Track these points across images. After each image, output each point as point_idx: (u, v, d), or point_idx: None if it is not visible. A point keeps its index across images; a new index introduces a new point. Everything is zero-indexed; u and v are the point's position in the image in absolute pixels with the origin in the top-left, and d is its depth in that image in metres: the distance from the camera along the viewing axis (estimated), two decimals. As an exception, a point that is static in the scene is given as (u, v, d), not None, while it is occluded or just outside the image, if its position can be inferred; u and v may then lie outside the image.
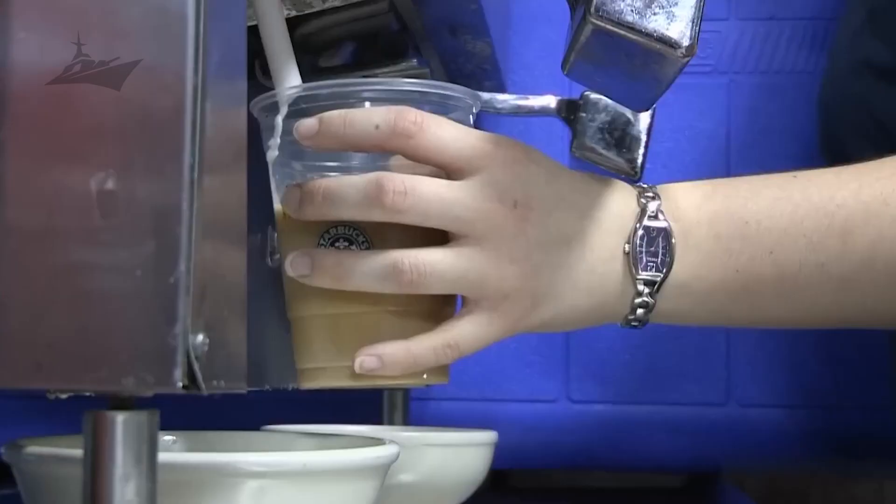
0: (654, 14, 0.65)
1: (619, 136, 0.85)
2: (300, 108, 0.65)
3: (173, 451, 0.66)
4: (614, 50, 0.66)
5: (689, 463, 1.06)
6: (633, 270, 0.66)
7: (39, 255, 0.43)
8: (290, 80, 0.65)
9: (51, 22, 0.44)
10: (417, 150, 0.63)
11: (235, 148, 0.48)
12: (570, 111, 0.86)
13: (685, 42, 0.65)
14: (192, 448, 0.67)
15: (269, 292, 0.85)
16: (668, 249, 0.66)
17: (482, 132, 0.66)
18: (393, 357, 0.63)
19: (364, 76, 0.80)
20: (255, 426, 0.74)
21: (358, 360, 0.63)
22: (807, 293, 0.67)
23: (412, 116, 0.63)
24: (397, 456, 0.60)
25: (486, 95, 0.85)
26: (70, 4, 0.44)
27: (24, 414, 0.98)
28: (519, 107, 0.86)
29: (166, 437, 0.66)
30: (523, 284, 0.65)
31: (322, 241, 0.64)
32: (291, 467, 0.53)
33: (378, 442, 0.61)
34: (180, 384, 0.42)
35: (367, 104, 0.65)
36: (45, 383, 0.43)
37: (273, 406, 0.90)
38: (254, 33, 0.64)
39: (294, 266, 0.65)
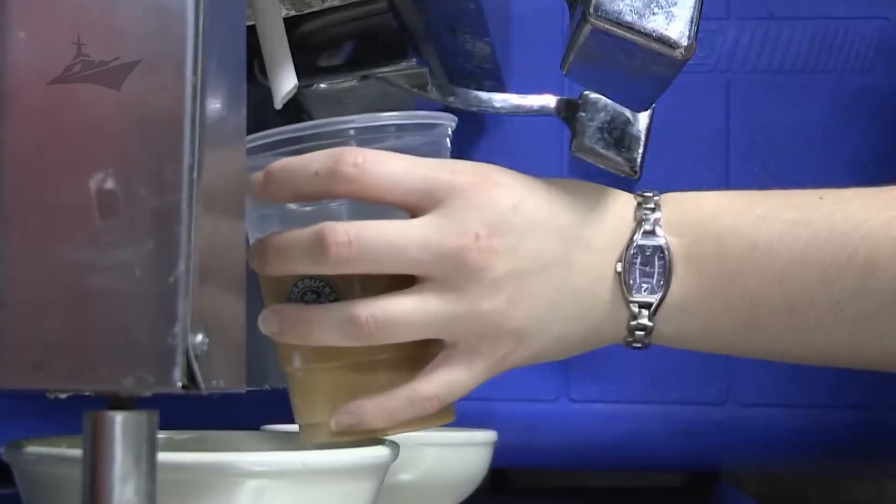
0: (653, 14, 0.65)
1: (619, 136, 0.85)
2: (286, 150, 0.61)
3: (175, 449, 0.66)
4: (613, 50, 0.66)
5: (688, 463, 1.06)
6: (626, 292, 0.61)
7: (39, 255, 0.43)
8: (286, 81, 0.65)
9: (51, 22, 0.44)
10: (364, 193, 0.59)
11: (235, 147, 0.48)
12: (569, 111, 0.86)
13: (684, 42, 0.65)
14: (191, 448, 0.67)
15: (269, 292, 0.85)
16: (665, 269, 0.61)
17: (439, 161, 0.61)
18: (369, 413, 0.60)
19: (363, 76, 0.80)
20: (255, 426, 0.74)
21: (334, 419, 0.61)
22: (819, 331, 0.62)
23: (351, 158, 0.58)
24: (397, 455, 0.60)
25: (485, 95, 0.85)
26: (70, 4, 0.44)
27: (23, 414, 0.98)
28: (518, 106, 0.86)
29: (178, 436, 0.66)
30: (500, 321, 0.59)
31: (292, 295, 0.61)
32: (291, 467, 0.53)
33: (378, 441, 0.61)
34: (180, 384, 0.42)
35: (353, 143, 0.61)
36: (45, 383, 0.43)
37: (273, 406, 0.90)
38: (253, 33, 0.64)
39: (264, 324, 0.61)
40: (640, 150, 0.86)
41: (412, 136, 0.63)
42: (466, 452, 0.79)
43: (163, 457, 0.45)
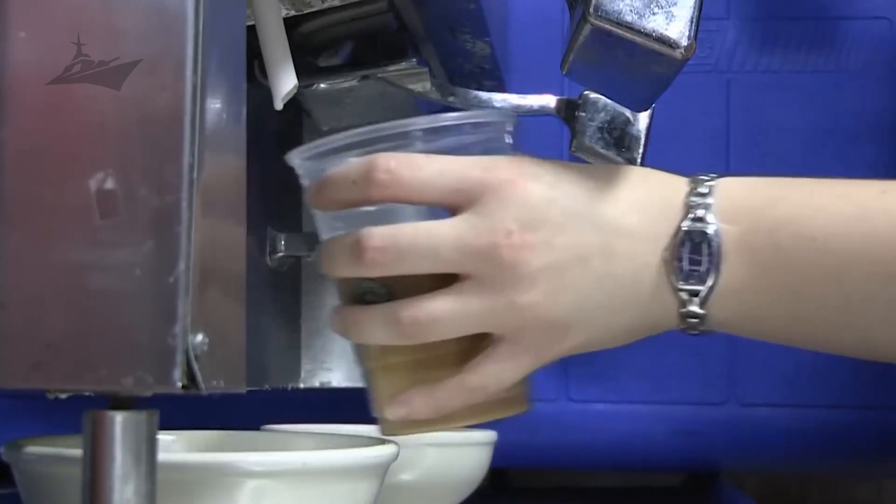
0: (653, 14, 0.65)
1: (619, 136, 0.85)
2: (349, 154, 0.62)
3: (173, 450, 0.66)
4: (613, 49, 0.66)
5: (688, 463, 1.06)
6: (674, 279, 0.60)
7: (39, 255, 0.43)
8: (286, 81, 0.65)
9: (51, 22, 0.44)
10: (399, 196, 0.60)
11: (235, 147, 0.48)
12: (569, 111, 0.86)
13: (684, 42, 0.65)
14: (191, 448, 0.67)
15: (269, 292, 0.85)
16: (715, 257, 0.60)
17: (473, 159, 0.62)
18: (418, 403, 0.62)
19: (363, 76, 0.80)
20: (254, 426, 0.74)
21: (389, 411, 0.62)
22: (876, 328, 0.60)
23: (384, 164, 0.60)
24: (397, 455, 0.60)
25: (485, 95, 0.85)
26: (70, 4, 0.44)
27: (23, 414, 0.98)
28: (518, 106, 0.86)
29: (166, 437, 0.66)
30: (539, 314, 0.60)
31: (356, 296, 0.63)
32: (291, 467, 0.53)
33: (378, 441, 0.61)
34: (179, 384, 0.42)
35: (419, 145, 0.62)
36: (45, 383, 0.43)
37: (273, 406, 0.90)
38: (253, 33, 0.64)
39: (330, 323, 0.64)
40: (640, 150, 0.85)
41: (470, 135, 0.64)
42: (466, 452, 0.79)
43: (163, 457, 0.45)
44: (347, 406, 0.95)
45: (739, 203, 0.61)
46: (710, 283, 0.60)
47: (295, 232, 0.89)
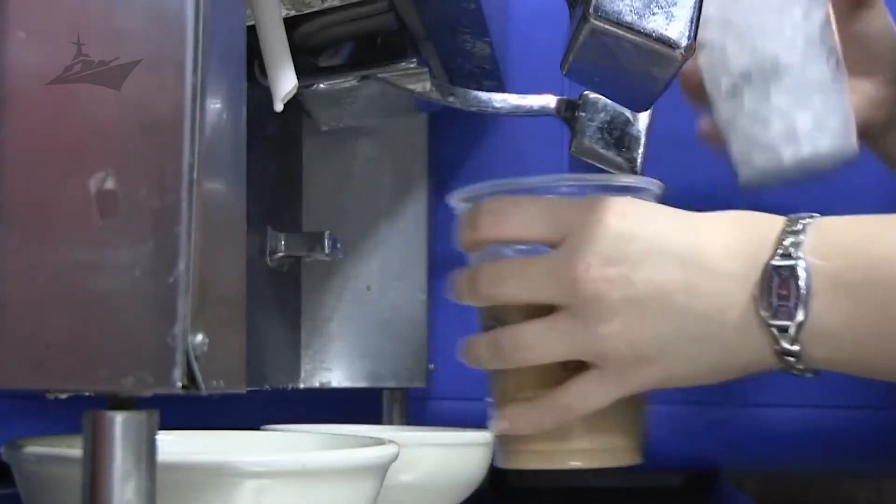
0: (653, 14, 0.65)
1: (619, 136, 0.85)
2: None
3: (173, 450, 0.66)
4: (613, 50, 0.66)
5: (688, 463, 1.06)
6: (763, 315, 0.61)
7: (39, 255, 0.43)
8: (286, 81, 0.65)
9: (51, 22, 0.44)
10: (505, 236, 0.68)
11: (235, 148, 0.48)
12: (569, 111, 0.86)
13: (684, 42, 0.65)
14: (191, 448, 0.67)
15: (269, 292, 0.85)
16: (802, 292, 0.60)
17: (571, 199, 0.67)
18: (515, 418, 0.69)
19: (363, 76, 0.80)
20: (255, 426, 0.74)
21: (493, 424, 0.71)
22: None
23: (486, 208, 0.68)
24: (397, 456, 0.60)
25: (485, 95, 0.85)
26: (70, 4, 0.44)
27: (23, 414, 0.98)
28: (518, 106, 0.86)
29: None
30: (619, 344, 0.64)
31: (485, 326, 0.71)
32: (291, 467, 0.53)
33: (378, 442, 0.61)
34: (180, 384, 0.42)
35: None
36: (45, 383, 0.43)
37: (273, 406, 0.90)
38: (253, 33, 0.64)
39: (461, 352, 0.72)
40: (640, 151, 0.86)
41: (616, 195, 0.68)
42: (466, 453, 0.79)
43: (163, 457, 0.45)
44: (347, 406, 0.95)
45: (834, 240, 0.62)
46: (799, 318, 0.61)
47: (295, 232, 0.89)
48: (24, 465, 0.54)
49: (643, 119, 0.86)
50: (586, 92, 0.85)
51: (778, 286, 0.61)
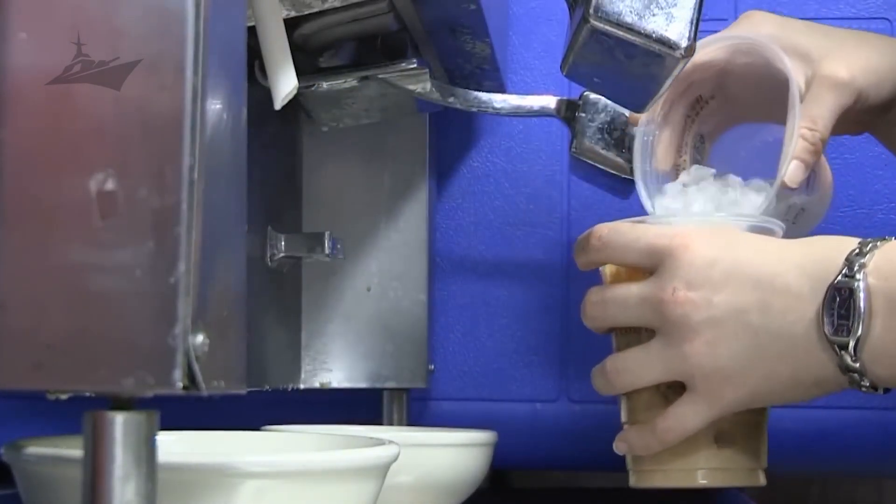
0: (653, 15, 0.65)
1: (619, 137, 0.85)
2: None
3: (173, 451, 0.66)
4: (613, 50, 0.66)
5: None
6: (826, 332, 0.65)
7: (39, 256, 0.43)
8: (286, 81, 0.65)
9: (51, 22, 0.44)
10: (608, 259, 0.73)
11: (235, 148, 0.48)
12: (569, 111, 0.86)
13: (684, 43, 0.65)
14: (192, 449, 0.67)
15: (270, 293, 0.85)
16: (859, 311, 0.64)
17: (666, 229, 0.71)
18: (630, 440, 0.73)
19: (364, 77, 0.80)
20: (255, 426, 0.74)
21: (615, 445, 0.75)
22: None
23: (598, 232, 0.73)
24: (397, 456, 0.60)
25: (485, 96, 0.85)
26: (70, 4, 0.44)
27: (23, 414, 0.98)
28: (518, 107, 0.86)
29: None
30: (703, 362, 0.68)
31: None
32: (291, 467, 0.53)
33: (378, 442, 0.61)
34: (180, 385, 0.42)
35: None
36: (45, 384, 0.43)
37: (273, 406, 0.90)
38: (253, 34, 0.64)
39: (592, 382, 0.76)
40: (641, 151, 0.85)
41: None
42: (466, 453, 0.79)
43: (163, 457, 0.45)
44: (348, 406, 0.95)
45: (893, 262, 0.65)
46: (858, 334, 0.64)
47: (295, 233, 0.89)
48: (25, 466, 0.54)
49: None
50: (586, 92, 0.85)
51: (839, 305, 0.65)
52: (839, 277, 0.65)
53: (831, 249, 0.67)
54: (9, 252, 0.43)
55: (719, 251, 0.69)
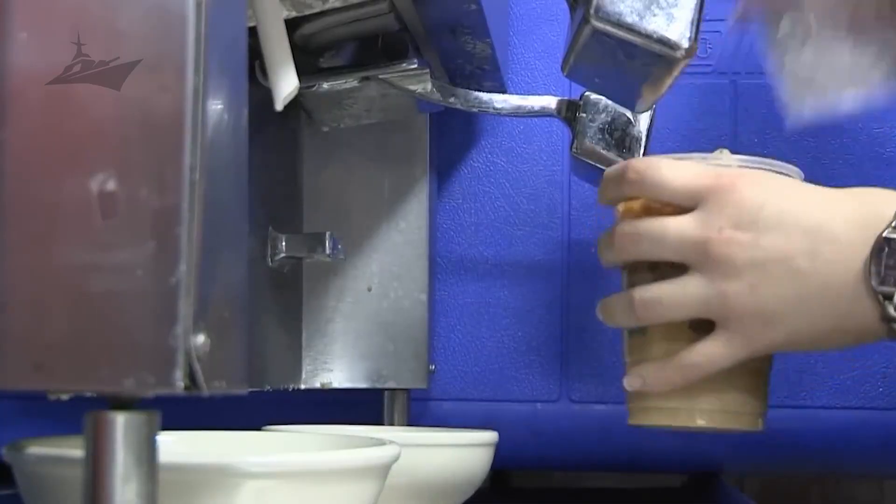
0: (654, 15, 0.65)
1: (620, 137, 0.85)
2: None
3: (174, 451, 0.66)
4: (614, 51, 0.66)
5: (688, 463, 1.06)
6: (872, 283, 0.65)
7: (40, 256, 0.43)
8: (286, 82, 0.65)
9: (51, 22, 0.44)
10: (643, 193, 0.72)
11: (236, 149, 0.48)
12: (570, 112, 0.86)
13: (685, 43, 0.65)
14: (193, 449, 0.67)
15: (271, 293, 0.85)
16: None
17: (708, 167, 0.71)
18: (648, 375, 0.72)
19: (364, 77, 0.80)
20: (255, 426, 0.74)
21: (626, 380, 0.74)
22: None
23: (635, 165, 0.72)
24: (398, 456, 0.60)
25: (486, 96, 0.85)
26: (70, 4, 0.44)
27: (24, 414, 0.98)
28: (519, 107, 0.86)
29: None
30: (745, 303, 0.68)
31: (626, 287, 0.75)
32: (292, 468, 0.53)
33: (378, 442, 0.61)
34: (181, 385, 0.42)
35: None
36: (46, 384, 0.43)
37: (274, 406, 0.90)
38: (254, 34, 0.64)
39: (598, 311, 0.76)
40: (641, 152, 0.86)
41: None
42: (468, 453, 0.79)
43: (164, 458, 0.45)
44: (348, 406, 0.95)
45: None
46: None
47: (296, 233, 0.89)
48: (26, 466, 0.54)
49: (644, 120, 0.86)
50: (587, 93, 0.85)
51: (887, 256, 0.65)
52: (889, 230, 0.65)
53: (881, 202, 0.67)
54: (10, 252, 0.43)
55: (767, 194, 0.69)
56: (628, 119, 0.85)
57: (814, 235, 0.67)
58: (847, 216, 0.67)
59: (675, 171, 0.71)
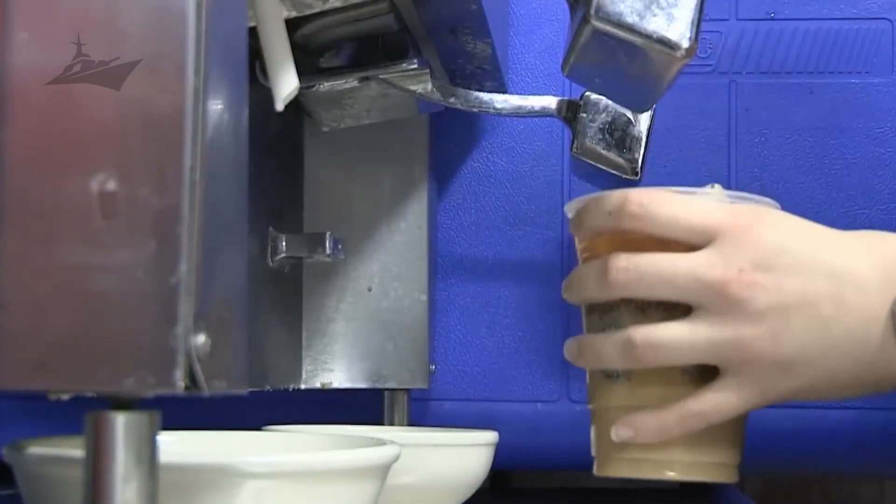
0: (654, 15, 0.65)
1: (620, 137, 0.85)
2: None
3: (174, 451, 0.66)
4: (614, 51, 0.66)
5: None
6: (894, 331, 0.62)
7: (40, 256, 0.43)
8: (287, 82, 0.65)
9: (51, 22, 0.44)
10: (647, 229, 0.66)
11: (236, 149, 0.48)
12: (570, 112, 0.86)
13: (685, 43, 0.65)
14: (193, 449, 0.67)
15: (271, 293, 0.85)
16: None
17: (718, 203, 0.67)
18: (644, 424, 0.67)
19: (364, 77, 0.80)
20: (255, 426, 0.74)
21: (615, 430, 0.68)
22: None
23: (637, 199, 0.66)
24: (398, 456, 0.60)
25: (486, 96, 0.85)
26: (70, 4, 0.44)
27: (24, 414, 0.98)
28: (519, 107, 0.86)
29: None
30: (764, 350, 0.64)
31: (600, 326, 0.70)
32: (292, 468, 0.53)
33: (379, 442, 0.61)
34: (181, 385, 0.42)
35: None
36: (46, 384, 0.43)
37: (274, 406, 0.90)
38: (254, 34, 0.64)
39: (567, 351, 0.71)
40: (642, 152, 0.86)
41: None
42: (468, 453, 0.79)
43: (164, 458, 0.45)
44: (349, 406, 0.95)
45: None
46: None
47: (296, 233, 0.89)
48: (26, 466, 0.54)
49: (644, 120, 0.86)
50: (587, 93, 0.85)
51: None
52: None
53: (887, 245, 0.65)
54: (10, 252, 0.43)
55: (787, 236, 0.65)
56: (628, 119, 0.85)
57: (838, 281, 0.64)
58: (869, 262, 0.65)
59: (686, 206, 0.67)
